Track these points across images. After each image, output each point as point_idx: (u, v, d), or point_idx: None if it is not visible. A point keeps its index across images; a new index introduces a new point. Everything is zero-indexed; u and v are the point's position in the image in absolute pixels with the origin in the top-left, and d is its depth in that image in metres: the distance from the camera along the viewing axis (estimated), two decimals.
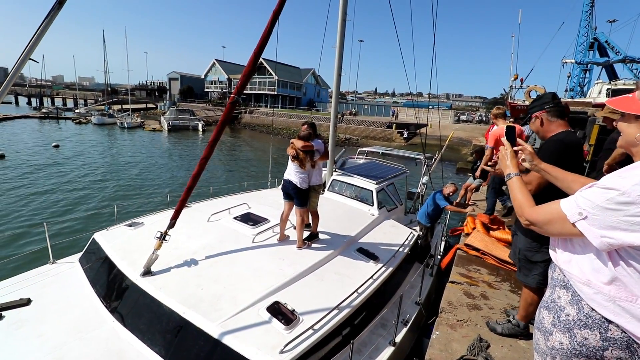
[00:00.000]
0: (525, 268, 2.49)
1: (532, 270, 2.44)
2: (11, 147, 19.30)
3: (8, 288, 3.37)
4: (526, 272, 2.48)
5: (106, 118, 36.18)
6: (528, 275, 2.47)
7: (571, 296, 1.23)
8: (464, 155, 24.11)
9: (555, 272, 1.37)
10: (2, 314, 2.97)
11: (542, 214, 1.27)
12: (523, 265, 2.51)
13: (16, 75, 2.39)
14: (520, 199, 1.41)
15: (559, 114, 2.28)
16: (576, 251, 1.22)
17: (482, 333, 2.71)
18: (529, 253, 2.44)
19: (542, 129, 2.34)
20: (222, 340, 2.47)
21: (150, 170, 16.38)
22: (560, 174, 1.53)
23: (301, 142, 3.82)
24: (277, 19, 3.16)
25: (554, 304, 1.30)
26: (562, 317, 1.24)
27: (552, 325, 1.27)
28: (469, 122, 42.20)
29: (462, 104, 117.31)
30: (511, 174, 1.52)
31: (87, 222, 9.02)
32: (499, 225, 4.91)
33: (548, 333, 1.29)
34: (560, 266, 1.29)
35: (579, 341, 1.17)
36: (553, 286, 1.35)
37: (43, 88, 62.91)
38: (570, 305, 1.23)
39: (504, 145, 1.64)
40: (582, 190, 1.16)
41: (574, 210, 1.14)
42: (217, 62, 59.89)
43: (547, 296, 1.37)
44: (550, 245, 1.39)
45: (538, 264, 2.40)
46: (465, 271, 3.85)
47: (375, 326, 3.42)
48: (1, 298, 3.18)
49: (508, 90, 18.54)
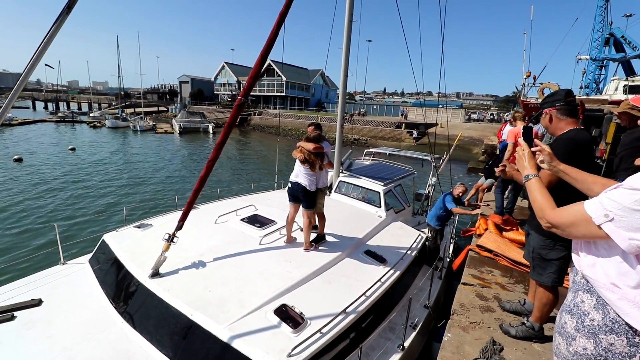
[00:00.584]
0: (539, 267, 2.47)
1: (546, 268, 2.41)
2: (29, 151, 19.87)
3: (20, 289, 3.44)
4: (540, 271, 2.46)
5: (119, 121, 36.88)
6: (542, 274, 2.44)
7: (596, 301, 1.20)
8: (475, 154, 23.77)
9: (577, 276, 1.33)
10: (14, 314, 3.03)
11: (565, 216, 1.24)
12: (537, 264, 2.48)
13: (26, 79, 2.40)
14: (541, 200, 1.37)
15: (569, 112, 2.26)
16: (601, 254, 1.19)
17: (495, 336, 2.68)
18: (543, 251, 2.41)
19: (551, 126, 2.34)
20: (230, 342, 2.48)
21: (160, 172, 16.64)
22: (580, 175, 1.50)
23: (311, 144, 3.80)
24: (284, 21, 3.18)
25: (577, 309, 1.27)
26: (587, 322, 1.21)
27: (576, 330, 1.25)
28: (480, 121, 41.59)
29: (473, 102, 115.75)
30: (530, 175, 1.49)
31: (98, 223, 9.20)
32: (512, 226, 4.83)
33: (571, 338, 1.26)
34: (584, 271, 1.26)
35: (605, 347, 1.15)
36: (575, 290, 1.32)
37: (59, 93, 64.43)
38: (595, 310, 1.20)
39: (521, 146, 1.62)
40: (607, 192, 1.13)
41: (599, 211, 1.10)
42: (226, 64, 60.50)
43: (570, 300, 1.34)
44: (572, 248, 1.36)
45: (552, 262, 2.38)
46: (478, 273, 3.80)
47: (384, 330, 3.39)
48: (13, 298, 3.25)
49: (520, 88, 18.20)
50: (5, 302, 3.19)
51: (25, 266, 5.36)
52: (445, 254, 5.45)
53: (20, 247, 7.60)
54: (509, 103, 68.03)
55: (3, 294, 3.35)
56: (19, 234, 8.29)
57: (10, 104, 2.41)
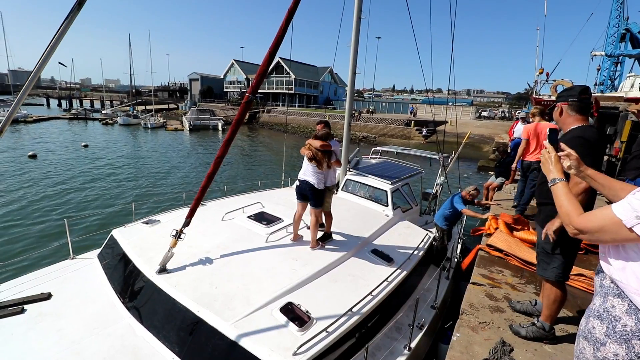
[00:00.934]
0: (543, 262, 2.46)
1: (550, 263, 2.40)
2: (44, 147, 20.32)
3: (30, 282, 3.51)
4: (545, 266, 2.44)
5: (131, 119, 37.43)
6: (547, 269, 2.43)
7: (628, 305, 1.19)
8: (485, 153, 23.46)
9: (605, 280, 1.31)
10: (24, 307, 3.08)
11: (593, 221, 1.22)
12: (542, 258, 2.48)
13: (37, 75, 2.39)
14: (567, 206, 1.35)
15: (580, 109, 2.28)
16: (631, 257, 1.17)
17: (505, 336, 2.65)
18: (547, 245, 2.39)
19: (560, 120, 2.38)
20: (235, 340, 2.48)
21: (170, 169, 16.85)
22: (607, 181, 1.46)
23: (319, 142, 3.79)
24: (292, 18, 3.17)
25: (608, 314, 1.25)
26: (618, 328, 1.19)
27: (606, 335, 1.23)
28: (491, 118, 41.00)
29: (483, 99, 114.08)
30: (556, 179, 1.46)
31: (108, 218, 9.36)
32: (524, 226, 4.75)
33: (600, 343, 1.25)
34: (613, 275, 1.24)
35: (638, 352, 1.13)
36: (604, 294, 1.30)
37: (72, 90, 65.68)
38: (627, 315, 1.18)
39: (546, 149, 1.58)
40: (635, 193, 1.11)
41: (630, 214, 1.09)
42: (235, 62, 60.78)
43: (598, 305, 1.32)
44: (600, 253, 1.34)
45: (556, 256, 2.36)
46: (487, 272, 3.76)
47: (390, 330, 3.37)
48: (24, 292, 3.33)
49: (533, 85, 17.88)
50: (15, 295, 3.27)
51: (35, 260, 5.48)
52: (453, 254, 5.39)
53: (32, 241, 7.78)
54: (521, 100, 66.83)
55: (14, 287, 3.43)
56: (31, 229, 8.48)
57: (21, 101, 2.44)
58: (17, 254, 6.68)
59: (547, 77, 16.70)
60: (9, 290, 3.37)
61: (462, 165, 20.87)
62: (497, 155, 8.45)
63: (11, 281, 3.55)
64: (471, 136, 26.98)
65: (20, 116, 34.03)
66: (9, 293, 3.31)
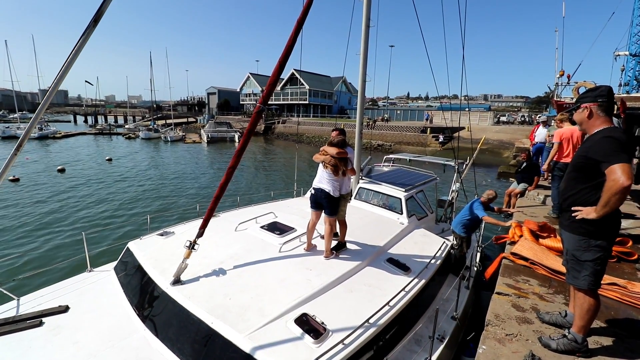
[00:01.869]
0: (574, 269, 2.33)
1: (581, 271, 2.28)
2: (71, 162, 21.27)
3: (48, 295, 3.57)
4: (575, 274, 2.32)
5: (152, 133, 38.77)
6: (578, 278, 2.30)
7: None
8: (505, 158, 22.84)
9: None
10: (42, 320, 3.12)
11: None
12: (572, 266, 2.35)
13: (56, 89, 2.49)
14: None
15: (607, 110, 2.22)
16: None
17: (534, 349, 2.52)
18: (577, 252, 2.29)
19: (589, 122, 2.29)
20: (250, 352, 2.44)
21: (187, 180, 17.23)
22: None
23: (335, 149, 3.78)
24: (302, 28, 3.21)
25: None
26: None
27: None
28: (510, 123, 40.02)
29: (501, 104, 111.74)
30: None
31: (124, 230, 9.49)
32: (550, 233, 4.56)
33: None
34: None
35: None
36: None
37: (97, 107, 68.74)
38: None
39: None
40: None
41: None
42: (251, 75, 62.26)
43: None
44: None
45: (587, 263, 2.25)
46: (513, 282, 3.62)
47: (409, 342, 3.26)
48: (42, 305, 3.37)
49: (553, 88, 17.37)
50: (34, 308, 3.32)
51: (54, 273, 5.59)
52: (473, 262, 5.22)
53: (52, 253, 7.97)
54: (541, 104, 65.05)
55: (33, 300, 3.49)
56: (52, 241, 8.73)
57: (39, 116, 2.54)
58: (34, 267, 6.88)
59: (569, 79, 16.21)
60: (28, 303, 3.44)
61: (481, 171, 20.39)
62: (518, 160, 8.19)
63: (30, 294, 3.61)
64: (490, 142, 26.38)
65: (49, 132, 35.87)
66: (29, 306, 3.37)
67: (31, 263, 7.37)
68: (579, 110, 2.32)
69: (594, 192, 2.19)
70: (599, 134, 2.20)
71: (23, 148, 2.49)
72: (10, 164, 2.45)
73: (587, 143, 2.28)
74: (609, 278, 3.40)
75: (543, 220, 5.37)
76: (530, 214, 6.06)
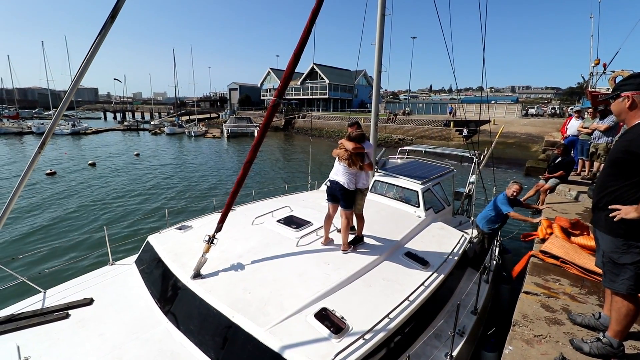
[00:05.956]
0: (611, 272, 2.19)
1: (619, 275, 2.14)
2: (102, 156, 22.26)
3: (73, 288, 3.68)
4: (613, 277, 2.18)
5: (176, 128, 39.89)
6: (615, 281, 2.16)
7: None
8: (534, 152, 21.87)
9: None
10: (68, 312, 3.22)
11: None
12: (608, 269, 2.21)
13: (78, 84, 2.49)
14: None
15: None
16: None
17: (565, 352, 2.41)
18: (615, 255, 2.14)
19: (629, 114, 2.10)
20: (271, 346, 2.45)
21: (207, 174, 17.64)
22: None
23: (352, 143, 3.73)
24: (316, 19, 3.16)
25: None
26: None
27: None
28: (540, 116, 38.19)
29: (530, 96, 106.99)
30: None
31: (147, 223, 9.70)
32: (582, 230, 4.34)
33: None
34: None
35: None
36: None
37: (125, 104, 71.47)
38: None
39: None
40: None
41: None
42: (271, 70, 62.54)
43: None
44: None
45: (627, 267, 2.10)
46: (542, 281, 3.47)
47: (429, 337, 3.21)
48: (67, 297, 3.48)
49: (588, 78, 16.39)
50: (60, 300, 3.44)
51: (77, 265, 5.77)
52: (492, 255, 5.06)
53: (77, 245, 8.22)
54: (573, 95, 61.66)
55: (58, 293, 3.61)
56: (78, 234, 9.03)
57: (62, 112, 2.61)
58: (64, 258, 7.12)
59: (605, 68, 15.20)
60: (54, 296, 3.56)
61: (506, 167, 19.64)
62: (555, 153, 7.77)
63: (56, 287, 3.73)
64: (517, 135, 25.31)
65: (81, 129, 37.65)
66: (55, 299, 3.49)
67: (56, 256, 7.57)
68: (619, 100, 2.13)
69: (634, 191, 2.03)
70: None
71: (47, 146, 2.58)
72: (36, 161, 2.54)
73: (628, 136, 2.10)
74: None
75: (575, 217, 5.11)
76: (561, 210, 5.78)
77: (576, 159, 8.14)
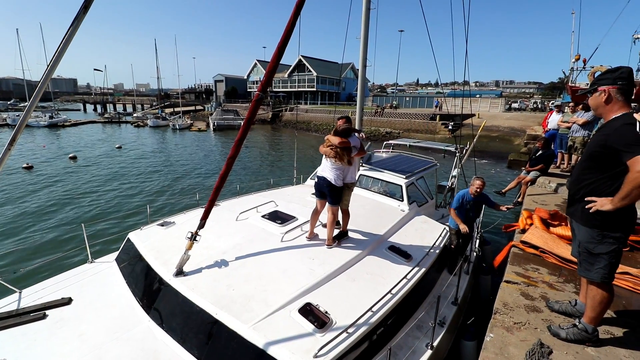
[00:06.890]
0: (586, 262, 2.27)
1: (594, 264, 2.22)
2: (83, 150, 21.55)
3: (50, 287, 3.54)
4: (588, 267, 2.26)
5: (160, 121, 38.95)
6: (590, 270, 2.24)
7: None
8: (516, 146, 22.39)
9: None
10: (46, 313, 3.09)
11: None
12: (584, 259, 2.29)
13: (49, 77, 2.34)
14: None
15: (627, 95, 2.07)
16: None
17: (543, 337, 2.50)
18: (590, 245, 2.21)
19: (605, 107, 2.14)
20: (255, 343, 2.45)
21: (192, 168, 17.36)
22: None
23: (338, 138, 3.72)
24: (300, 10, 3.11)
25: None
26: None
27: None
28: (522, 110, 39.07)
29: (513, 91, 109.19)
30: None
31: (125, 220, 9.24)
32: (561, 221, 4.49)
33: None
34: None
35: None
36: None
37: (106, 95, 69.16)
38: None
39: None
40: None
41: None
42: (258, 62, 61.60)
43: None
44: None
45: (601, 256, 2.18)
46: (522, 270, 3.58)
47: (411, 329, 3.27)
48: (45, 297, 3.34)
49: (568, 73, 16.83)
50: (37, 300, 3.30)
51: (54, 264, 5.50)
52: (472, 247, 5.17)
53: (53, 244, 7.88)
54: (555, 90, 63.23)
55: (34, 292, 3.47)
56: (54, 232, 8.70)
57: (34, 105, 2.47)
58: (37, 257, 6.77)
59: (585, 63, 15.63)
60: (30, 296, 3.43)
61: (490, 160, 20.05)
62: (530, 148, 7.99)
63: (32, 287, 3.60)
64: (501, 129, 25.81)
65: (59, 120, 36.29)
66: (31, 299, 3.36)
67: (32, 255, 7.27)
68: (596, 94, 2.17)
69: (610, 183, 2.09)
70: (619, 120, 2.06)
71: (17, 141, 2.46)
72: (6, 158, 2.43)
73: (605, 130, 2.14)
74: (622, 267, 3.32)
75: (554, 208, 5.27)
76: (541, 202, 5.95)
77: (556, 152, 8.36)
